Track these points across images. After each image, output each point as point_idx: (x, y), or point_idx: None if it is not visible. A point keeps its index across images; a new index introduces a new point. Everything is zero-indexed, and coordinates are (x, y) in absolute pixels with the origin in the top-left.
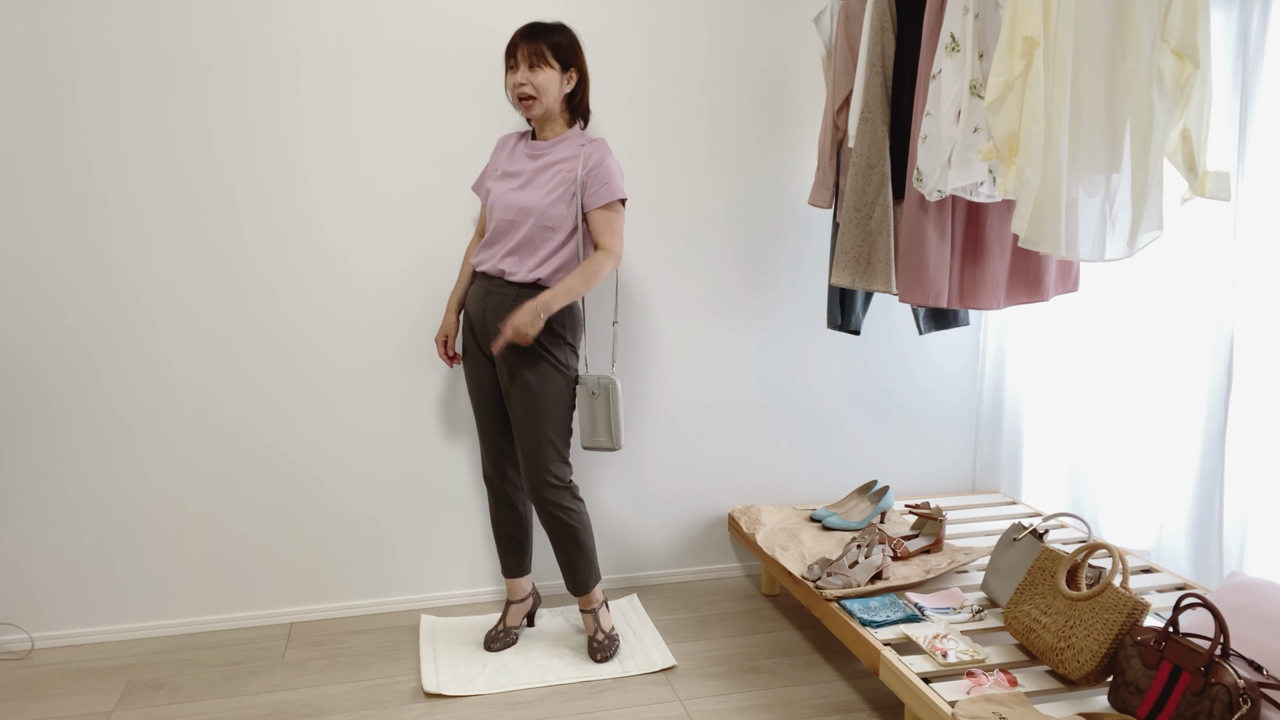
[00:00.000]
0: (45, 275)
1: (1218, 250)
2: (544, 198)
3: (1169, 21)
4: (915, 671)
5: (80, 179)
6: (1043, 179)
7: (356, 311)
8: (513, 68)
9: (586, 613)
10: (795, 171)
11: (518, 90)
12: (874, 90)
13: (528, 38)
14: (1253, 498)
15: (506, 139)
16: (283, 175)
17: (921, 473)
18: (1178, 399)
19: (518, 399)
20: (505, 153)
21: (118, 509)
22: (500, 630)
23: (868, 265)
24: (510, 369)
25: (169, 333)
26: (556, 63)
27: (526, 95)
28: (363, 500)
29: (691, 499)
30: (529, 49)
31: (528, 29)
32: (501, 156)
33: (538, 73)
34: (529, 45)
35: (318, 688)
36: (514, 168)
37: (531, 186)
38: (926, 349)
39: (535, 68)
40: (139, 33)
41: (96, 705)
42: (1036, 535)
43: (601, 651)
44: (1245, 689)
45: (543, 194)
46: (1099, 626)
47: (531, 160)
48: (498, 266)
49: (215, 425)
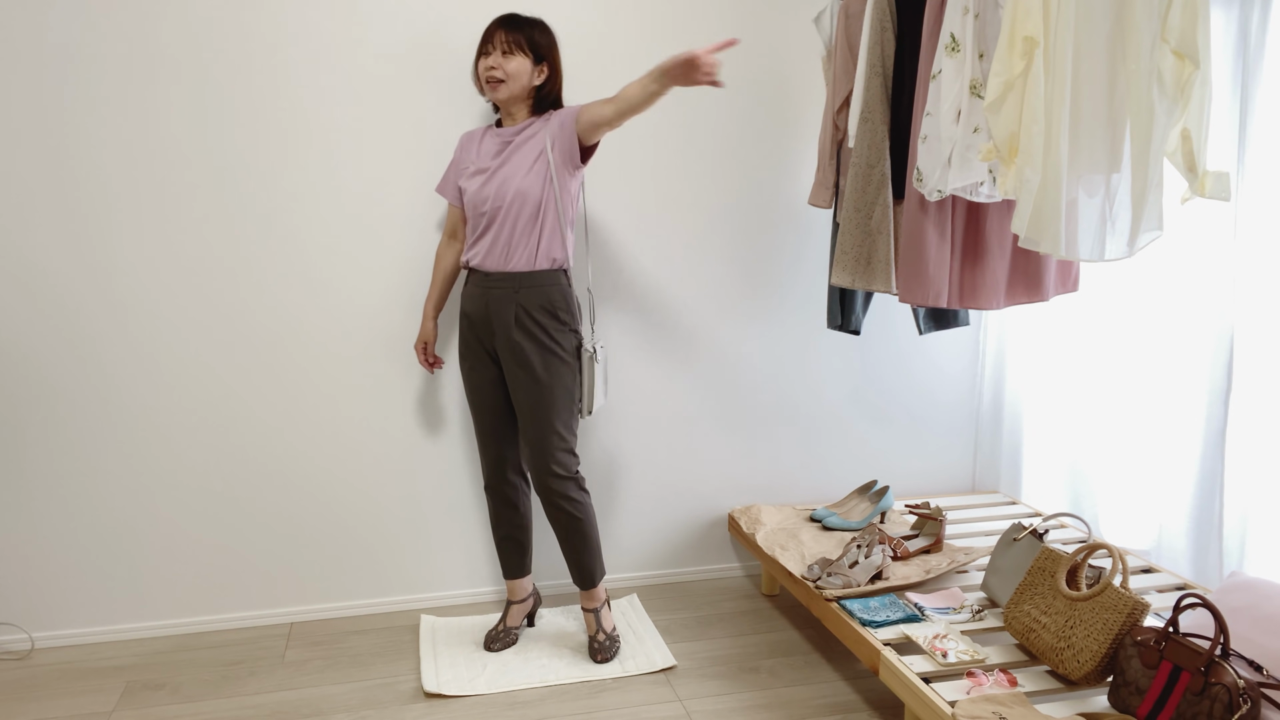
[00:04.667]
0: (43, 278)
1: (1218, 250)
2: (522, 179)
3: (1169, 21)
4: (915, 671)
5: (72, 182)
6: (1043, 179)
7: (355, 311)
8: (486, 52)
9: (589, 611)
10: (795, 171)
11: (488, 73)
12: (874, 90)
13: (505, 26)
14: (1253, 498)
15: (470, 136)
16: (275, 179)
17: (921, 473)
18: (1178, 399)
19: (525, 390)
20: (474, 149)
21: (117, 509)
22: (500, 630)
23: (868, 265)
24: (517, 359)
25: (167, 333)
26: (530, 54)
27: (495, 79)
28: (363, 500)
29: (691, 499)
30: (506, 37)
31: (506, 18)
32: (470, 154)
33: (510, 59)
34: (506, 33)
35: (318, 688)
36: (484, 163)
37: (505, 169)
38: (926, 349)
39: (508, 54)
40: (129, 35)
41: (96, 705)
42: (1036, 535)
43: (603, 652)
44: (1245, 689)
45: (520, 175)
46: (1099, 626)
47: (501, 148)
48: (492, 260)
49: (215, 425)
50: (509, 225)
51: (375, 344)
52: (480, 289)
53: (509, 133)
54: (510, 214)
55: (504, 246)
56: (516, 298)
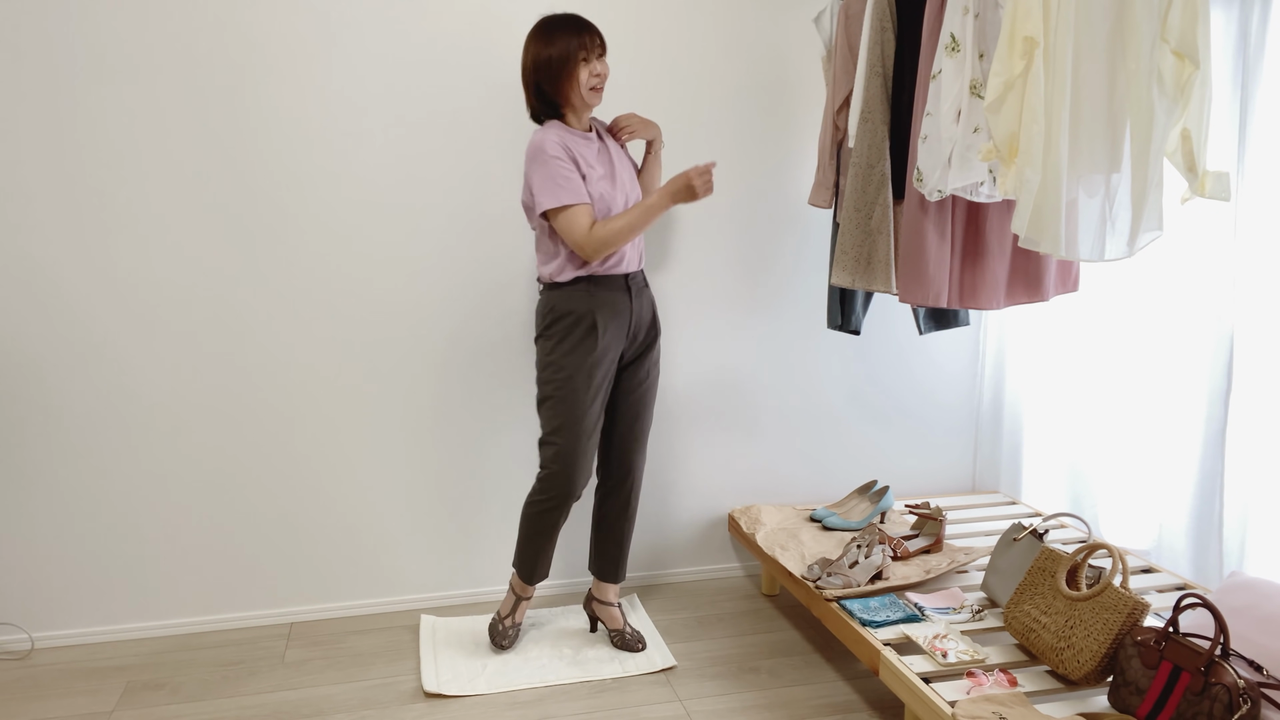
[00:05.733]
0: (45, 276)
1: (1218, 250)
2: (634, 180)
3: (1169, 21)
4: (915, 671)
5: (77, 180)
6: (1043, 179)
7: (356, 311)
8: (588, 59)
9: (612, 606)
10: (795, 171)
11: (596, 82)
12: (874, 90)
13: (592, 30)
14: (1253, 498)
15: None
16: (280, 176)
17: (921, 473)
18: (1178, 399)
19: (646, 388)
20: (582, 152)
21: (117, 509)
22: (510, 625)
23: (868, 265)
24: (649, 357)
25: (168, 333)
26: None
27: (601, 86)
28: (363, 500)
29: (691, 499)
30: (598, 39)
31: (583, 20)
32: (585, 157)
33: (605, 64)
34: (597, 36)
35: (318, 688)
36: (599, 166)
37: (622, 172)
38: (926, 349)
39: (602, 58)
40: (135, 33)
41: (96, 705)
42: (1036, 535)
43: (638, 641)
44: (1245, 689)
45: (633, 178)
46: (1099, 626)
47: (599, 151)
48: (635, 262)
49: (215, 425)
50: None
51: (376, 344)
52: (621, 292)
53: (592, 137)
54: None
55: (641, 247)
56: (649, 293)
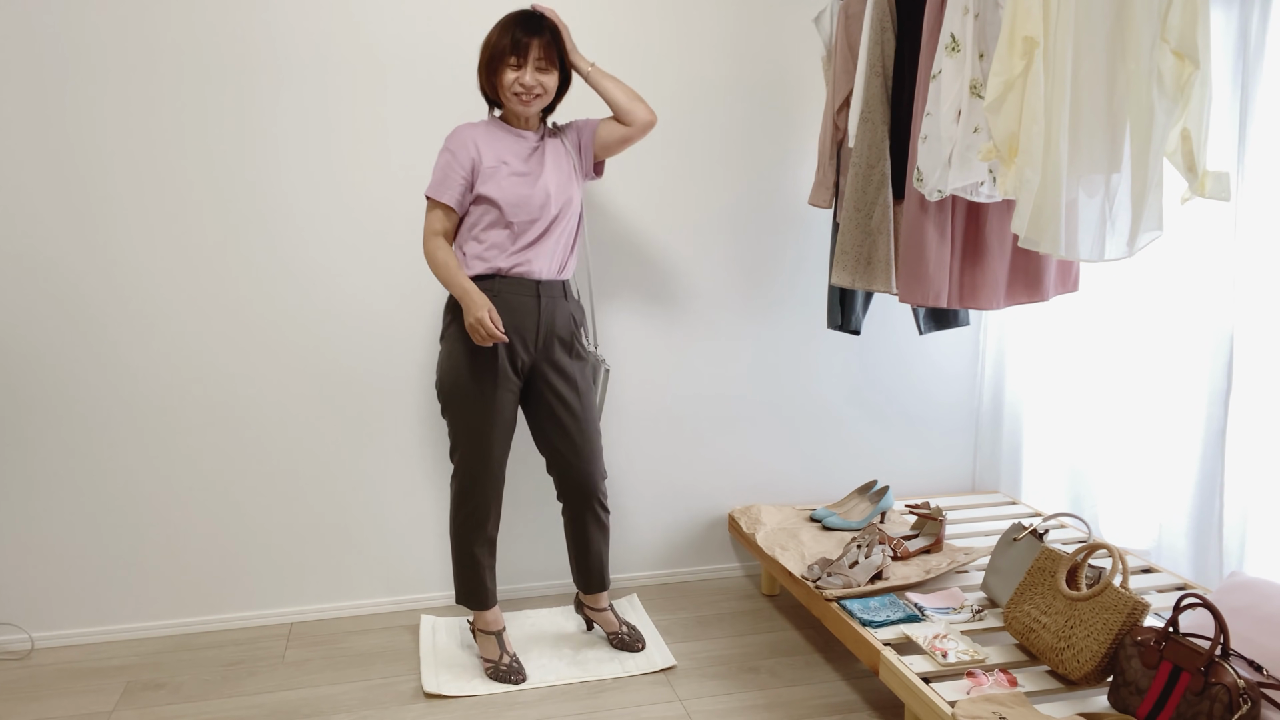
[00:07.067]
0: (44, 274)
1: (1218, 250)
2: (568, 185)
3: (1169, 21)
4: (915, 671)
5: (78, 175)
6: (1043, 179)
7: (357, 311)
8: (517, 65)
9: (605, 610)
10: (795, 171)
11: (521, 90)
12: (874, 90)
13: (535, 35)
14: (1253, 498)
15: (475, 132)
16: (280, 177)
17: (921, 473)
18: (1178, 399)
19: (571, 399)
20: (491, 148)
21: (118, 509)
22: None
23: (868, 265)
24: (564, 371)
25: (168, 333)
26: (559, 67)
27: (535, 95)
28: (363, 500)
29: (691, 499)
30: (541, 51)
31: (531, 23)
32: (491, 153)
33: (547, 75)
34: (540, 46)
35: (318, 688)
36: (518, 165)
37: (549, 174)
38: (926, 349)
39: (544, 71)
40: (131, 27)
41: (96, 705)
42: (1036, 535)
43: (637, 641)
44: (1245, 689)
45: (565, 181)
46: (1099, 626)
47: (529, 150)
48: (548, 268)
49: (215, 424)
50: (562, 231)
51: (377, 344)
52: (528, 299)
53: (530, 135)
54: (562, 220)
55: (563, 252)
56: (567, 306)
